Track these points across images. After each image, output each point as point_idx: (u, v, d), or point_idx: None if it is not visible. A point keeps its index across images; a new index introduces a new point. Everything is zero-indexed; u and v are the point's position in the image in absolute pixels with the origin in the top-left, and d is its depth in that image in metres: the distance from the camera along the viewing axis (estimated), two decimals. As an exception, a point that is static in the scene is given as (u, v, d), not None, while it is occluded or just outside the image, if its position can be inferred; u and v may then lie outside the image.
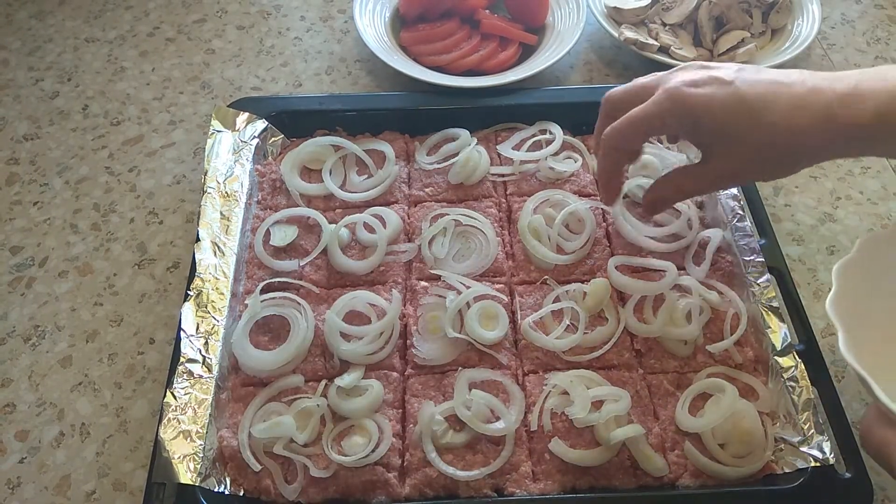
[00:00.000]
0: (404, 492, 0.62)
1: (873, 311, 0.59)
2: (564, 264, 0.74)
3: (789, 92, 0.57)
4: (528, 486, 0.62)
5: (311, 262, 0.75)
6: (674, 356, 0.69)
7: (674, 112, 0.60)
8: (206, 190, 0.78)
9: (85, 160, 0.90)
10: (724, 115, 0.58)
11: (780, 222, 0.83)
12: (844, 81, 0.56)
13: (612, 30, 0.97)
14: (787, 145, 0.58)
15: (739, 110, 0.58)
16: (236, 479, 0.63)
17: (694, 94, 0.59)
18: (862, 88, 0.55)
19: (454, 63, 0.93)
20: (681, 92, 0.59)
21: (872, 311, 0.59)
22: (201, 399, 0.64)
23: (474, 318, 0.68)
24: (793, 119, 0.56)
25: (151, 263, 0.81)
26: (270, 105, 0.86)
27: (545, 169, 0.81)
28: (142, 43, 1.05)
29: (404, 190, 0.82)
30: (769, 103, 0.57)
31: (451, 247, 0.76)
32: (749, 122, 0.58)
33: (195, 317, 0.69)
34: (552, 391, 0.66)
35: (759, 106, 0.57)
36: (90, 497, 0.65)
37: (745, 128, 0.58)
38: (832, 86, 0.56)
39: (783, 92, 0.57)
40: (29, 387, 0.72)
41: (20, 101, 0.97)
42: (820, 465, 0.60)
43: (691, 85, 0.59)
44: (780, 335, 0.67)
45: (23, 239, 0.83)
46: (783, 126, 0.57)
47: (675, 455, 0.63)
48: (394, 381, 0.67)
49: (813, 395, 0.63)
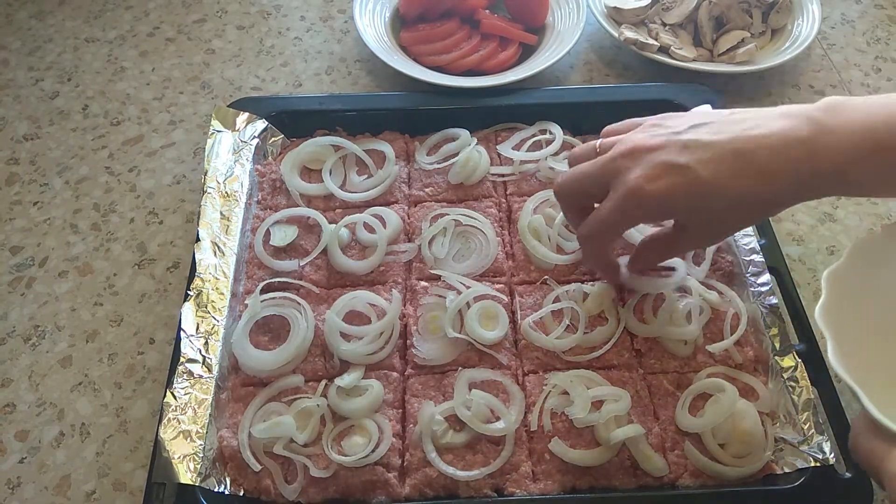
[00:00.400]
0: (404, 492, 0.62)
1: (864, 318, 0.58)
2: (564, 264, 0.74)
3: (751, 163, 0.56)
4: (528, 486, 0.62)
5: (311, 262, 0.75)
6: (674, 356, 0.69)
7: (639, 210, 0.60)
8: (206, 190, 0.78)
9: (85, 160, 0.90)
10: (688, 202, 0.58)
11: (780, 222, 0.83)
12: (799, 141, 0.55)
13: (612, 30, 0.97)
14: (755, 208, 0.59)
15: (702, 193, 0.57)
16: (236, 479, 0.63)
17: (653, 190, 0.58)
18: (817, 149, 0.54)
19: (454, 63, 0.93)
20: (640, 191, 0.58)
21: (863, 318, 0.58)
22: (201, 399, 0.64)
23: (474, 318, 0.68)
24: (758, 191, 0.56)
25: (151, 263, 0.81)
26: (270, 105, 0.86)
27: (545, 169, 0.81)
28: (142, 43, 1.05)
29: (404, 190, 0.82)
30: (731, 180, 0.56)
31: (451, 247, 0.76)
32: (713, 200, 0.57)
33: (195, 317, 0.69)
34: (552, 391, 0.66)
35: (723, 187, 0.57)
36: (90, 497, 0.65)
37: (711, 206, 0.58)
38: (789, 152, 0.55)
39: (744, 166, 0.56)
40: (29, 387, 0.72)
41: (20, 101, 0.97)
42: (820, 465, 0.60)
43: (647, 179, 0.58)
44: (779, 335, 0.67)
45: (23, 239, 0.83)
46: (749, 200, 0.57)
47: (675, 455, 0.63)
48: (394, 381, 0.67)
49: (813, 395, 0.63)
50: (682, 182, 0.57)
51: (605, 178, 0.61)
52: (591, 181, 0.63)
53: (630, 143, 0.60)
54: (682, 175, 0.57)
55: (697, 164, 0.57)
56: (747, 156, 0.56)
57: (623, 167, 0.60)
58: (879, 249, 0.60)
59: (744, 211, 0.59)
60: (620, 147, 0.61)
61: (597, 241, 0.65)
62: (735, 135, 0.57)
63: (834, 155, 0.54)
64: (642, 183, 0.58)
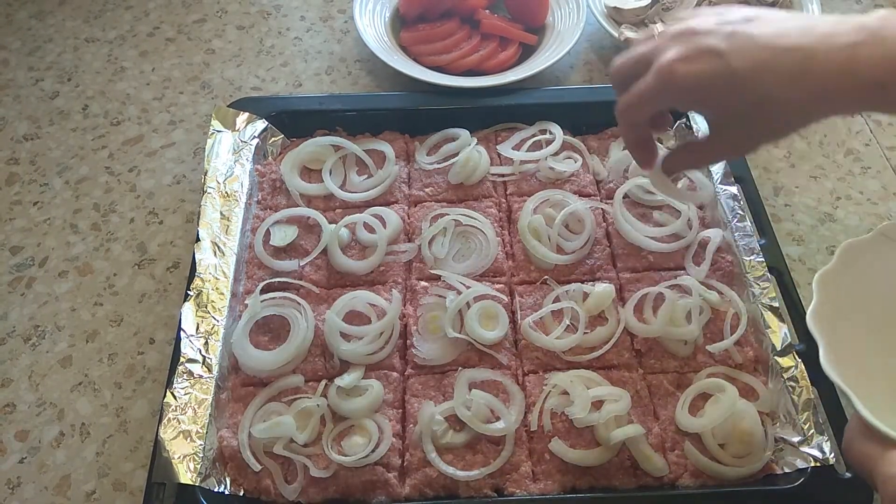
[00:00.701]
0: (404, 492, 0.62)
1: (856, 321, 0.58)
2: (564, 264, 0.75)
3: (784, 62, 0.54)
4: (528, 486, 0.62)
5: (311, 262, 0.75)
6: (674, 356, 0.69)
7: (666, 92, 0.59)
8: (206, 190, 0.78)
9: (85, 160, 0.90)
10: (716, 92, 0.56)
11: (780, 222, 0.83)
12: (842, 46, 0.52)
13: (612, 30, 0.97)
14: (782, 113, 0.56)
15: (731, 86, 0.55)
16: (236, 479, 0.63)
17: (683, 73, 0.57)
18: (860, 57, 0.51)
19: (454, 63, 0.93)
20: (671, 71, 0.57)
21: (855, 320, 0.58)
22: (201, 399, 0.64)
23: (474, 318, 0.68)
24: (787, 94, 0.54)
25: (151, 263, 0.81)
26: (270, 105, 0.86)
27: (545, 169, 0.81)
28: (142, 43, 1.05)
29: (404, 190, 0.82)
30: (762, 75, 0.54)
31: (451, 247, 0.76)
32: (741, 98, 0.55)
33: (195, 317, 0.69)
34: (552, 391, 0.66)
35: (751, 80, 0.55)
36: (90, 497, 0.65)
37: (738, 104, 0.56)
38: (828, 55, 0.52)
39: (777, 62, 0.54)
40: (29, 387, 0.72)
41: (20, 101, 0.97)
42: (820, 465, 0.60)
43: (682, 60, 0.57)
44: (780, 335, 0.67)
45: (23, 239, 0.83)
46: (776, 101, 0.54)
47: (675, 455, 0.63)
48: (394, 381, 0.67)
49: (813, 395, 0.63)
50: (714, 68, 0.56)
51: (650, 56, 0.60)
52: (639, 59, 0.62)
53: (683, 26, 0.59)
54: (715, 61, 0.56)
55: (734, 53, 0.55)
56: (783, 54, 0.54)
57: (666, 47, 0.59)
58: (869, 251, 0.60)
59: (771, 114, 0.56)
60: (673, 29, 0.60)
61: (629, 116, 0.64)
62: (780, 32, 0.55)
63: (877, 65, 0.51)
64: (676, 62, 0.57)
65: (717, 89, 0.56)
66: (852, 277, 0.59)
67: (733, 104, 0.57)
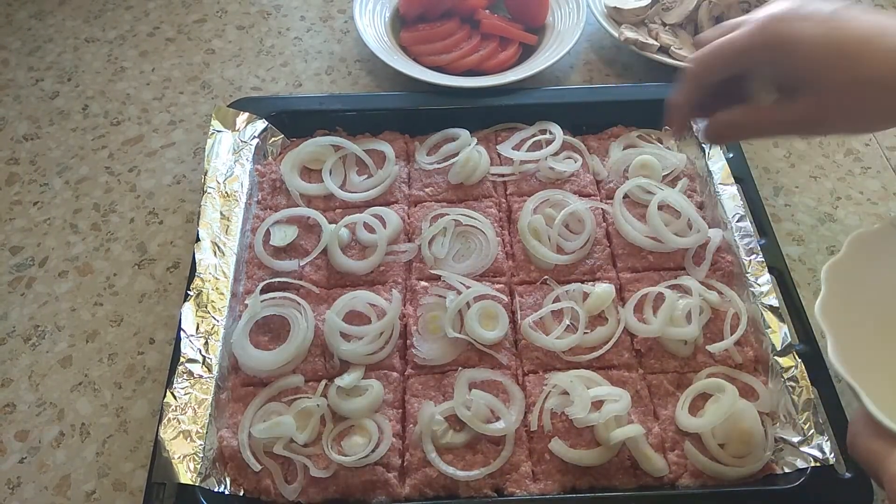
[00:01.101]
0: (404, 492, 0.62)
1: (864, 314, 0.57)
2: (564, 264, 0.74)
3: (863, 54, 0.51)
4: (528, 486, 0.62)
5: (311, 262, 0.75)
6: (674, 356, 0.69)
7: (765, 45, 0.55)
8: (206, 190, 0.78)
9: (85, 160, 0.90)
10: (819, 56, 0.52)
11: (780, 222, 0.83)
12: None
13: (612, 30, 0.97)
14: (882, 101, 0.52)
15: (837, 54, 0.52)
16: (236, 479, 0.63)
17: (789, 27, 0.53)
18: None
19: (454, 63, 0.93)
20: (775, 24, 0.54)
21: (863, 313, 0.57)
22: (201, 399, 0.64)
23: (474, 318, 0.68)
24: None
25: (151, 263, 0.81)
26: (270, 105, 0.86)
27: (545, 169, 0.81)
28: (142, 43, 1.05)
29: (404, 190, 0.82)
30: (871, 50, 0.51)
31: (451, 247, 0.76)
32: (845, 69, 0.52)
33: (195, 317, 0.69)
34: (552, 391, 0.66)
35: (860, 52, 0.51)
36: (90, 497, 0.65)
37: (840, 75, 0.52)
38: None
39: (889, 38, 0.50)
40: (29, 387, 0.72)
41: (20, 101, 0.97)
42: (820, 465, 0.60)
43: (787, 17, 0.54)
44: (780, 335, 0.67)
45: (23, 239, 0.83)
46: (883, 81, 0.51)
47: (675, 455, 0.63)
48: (394, 381, 0.67)
49: (813, 395, 0.63)
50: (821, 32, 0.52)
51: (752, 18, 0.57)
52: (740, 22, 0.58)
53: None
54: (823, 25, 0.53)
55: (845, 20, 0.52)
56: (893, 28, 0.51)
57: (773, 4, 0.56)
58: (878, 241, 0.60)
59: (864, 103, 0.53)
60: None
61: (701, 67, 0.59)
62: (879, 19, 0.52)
63: None
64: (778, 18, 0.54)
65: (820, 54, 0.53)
66: (861, 269, 0.58)
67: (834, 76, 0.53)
